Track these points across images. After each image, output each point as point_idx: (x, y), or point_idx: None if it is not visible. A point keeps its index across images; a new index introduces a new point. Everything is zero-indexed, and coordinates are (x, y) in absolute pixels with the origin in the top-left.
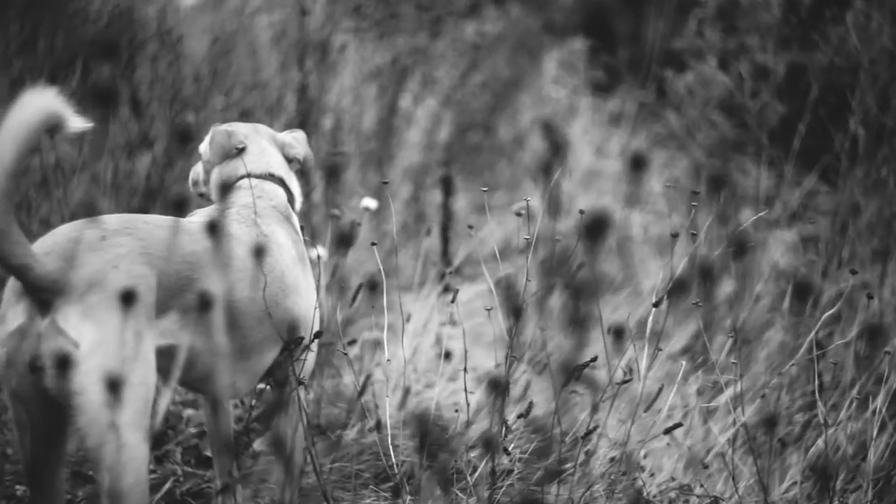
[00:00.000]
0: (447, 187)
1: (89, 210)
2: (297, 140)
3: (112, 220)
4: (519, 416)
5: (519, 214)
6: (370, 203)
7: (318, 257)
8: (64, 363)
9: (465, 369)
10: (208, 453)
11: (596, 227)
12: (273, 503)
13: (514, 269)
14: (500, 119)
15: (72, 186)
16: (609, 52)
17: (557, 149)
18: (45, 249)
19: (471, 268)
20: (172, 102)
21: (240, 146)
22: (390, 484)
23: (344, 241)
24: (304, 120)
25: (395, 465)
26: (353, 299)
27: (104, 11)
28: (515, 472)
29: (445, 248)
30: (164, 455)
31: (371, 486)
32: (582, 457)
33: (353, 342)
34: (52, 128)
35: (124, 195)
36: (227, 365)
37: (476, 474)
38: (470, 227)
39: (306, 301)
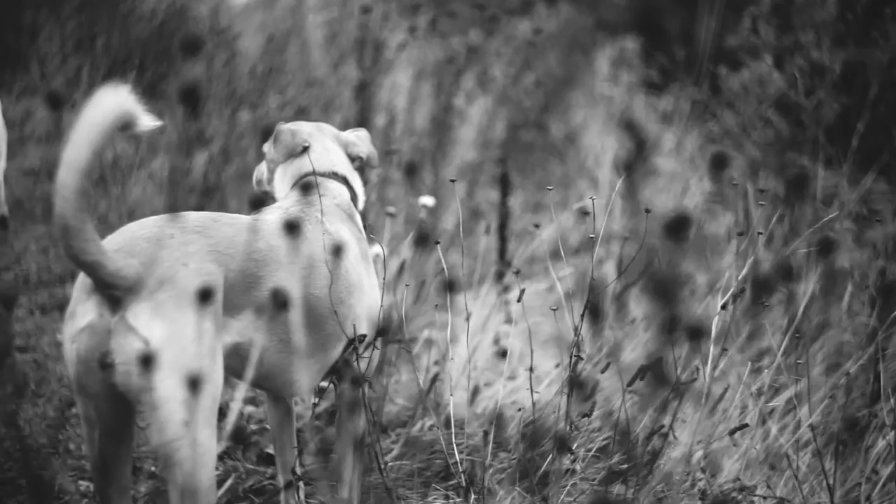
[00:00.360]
0: (505, 186)
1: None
2: (360, 139)
3: (181, 218)
4: (583, 416)
5: (585, 213)
6: (428, 201)
7: (381, 254)
8: (143, 361)
9: (530, 368)
10: (269, 450)
11: (677, 226)
12: (334, 500)
13: (572, 267)
14: (552, 117)
15: (129, 184)
16: (661, 50)
17: (640, 147)
18: (116, 246)
19: (526, 266)
20: (229, 100)
21: (304, 144)
22: (453, 482)
23: (422, 239)
24: (363, 118)
25: (459, 463)
26: (417, 296)
27: (159, 10)
28: (579, 470)
29: (503, 246)
30: (226, 452)
31: (434, 485)
32: (647, 457)
33: (413, 340)
34: (124, 126)
35: (181, 193)
36: (294, 362)
37: (539, 473)
38: (536, 226)
39: (369, 299)
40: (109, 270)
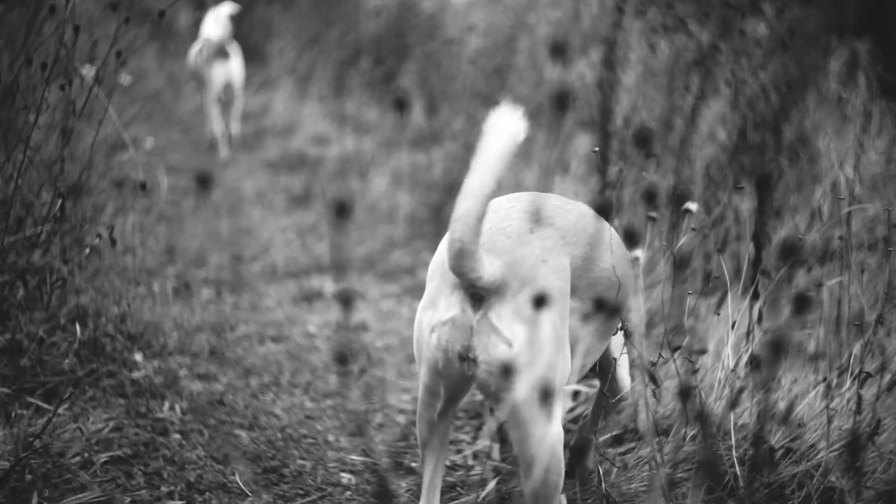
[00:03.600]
0: (763, 190)
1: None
2: None
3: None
4: (871, 436)
5: None
6: (692, 206)
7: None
8: (506, 370)
9: (827, 379)
10: None
11: None
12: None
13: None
14: (784, 119)
15: (370, 178)
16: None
17: None
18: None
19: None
20: (469, 97)
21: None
22: (714, 494)
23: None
24: (603, 118)
25: (737, 476)
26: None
27: (389, 7)
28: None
29: (759, 253)
30: (486, 453)
31: (702, 499)
32: None
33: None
34: None
35: (421, 189)
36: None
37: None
38: (801, 238)
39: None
40: (484, 280)
